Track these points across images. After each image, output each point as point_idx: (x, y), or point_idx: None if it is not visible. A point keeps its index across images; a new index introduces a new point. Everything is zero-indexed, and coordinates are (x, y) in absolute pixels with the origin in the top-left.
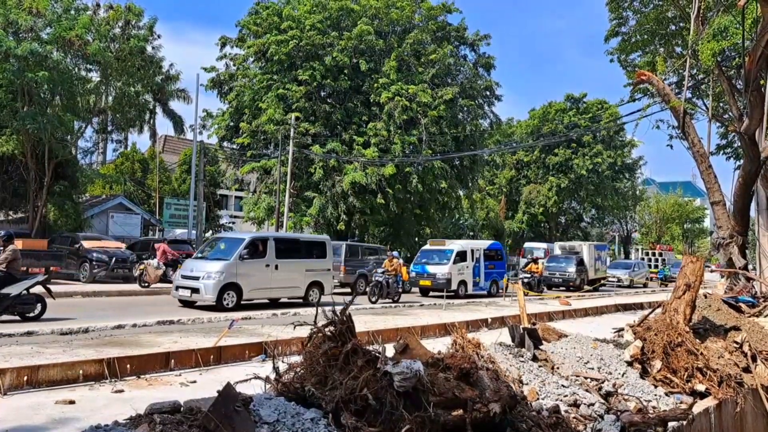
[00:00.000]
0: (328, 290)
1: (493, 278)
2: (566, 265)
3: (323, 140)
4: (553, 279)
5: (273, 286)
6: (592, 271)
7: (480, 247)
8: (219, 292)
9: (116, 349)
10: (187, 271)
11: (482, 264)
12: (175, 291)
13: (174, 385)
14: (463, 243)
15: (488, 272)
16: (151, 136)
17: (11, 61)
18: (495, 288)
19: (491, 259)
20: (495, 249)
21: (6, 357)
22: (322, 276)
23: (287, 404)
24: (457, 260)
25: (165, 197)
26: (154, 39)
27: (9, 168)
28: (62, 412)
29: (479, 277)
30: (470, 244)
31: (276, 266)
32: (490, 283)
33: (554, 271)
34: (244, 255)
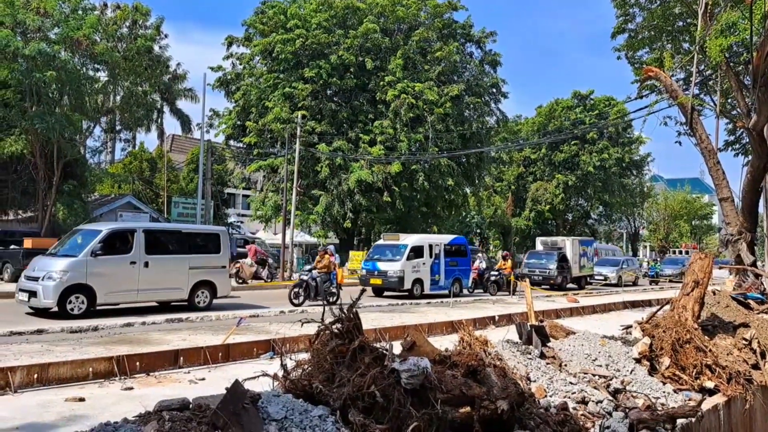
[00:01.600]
0: (223, 291)
1: (456, 276)
2: (547, 261)
3: (329, 138)
4: (532, 277)
5: (142, 288)
6: (576, 268)
7: (440, 242)
8: (61, 296)
9: (125, 346)
10: (30, 271)
11: (443, 261)
12: (17, 294)
13: (183, 382)
14: (419, 237)
15: (449, 269)
16: (159, 136)
17: (19, 61)
18: (458, 287)
19: (453, 255)
20: (458, 244)
21: (16, 355)
22: (215, 274)
23: (295, 401)
24: (412, 256)
25: (173, 196)
26: (161, 39)
27: (18, 167)
28: (72, 409)
29: (439, 275)
30: (427, 238)
31: (146, 263)
32: (452, 282)
33: (534, 269)
34: (98, 251)
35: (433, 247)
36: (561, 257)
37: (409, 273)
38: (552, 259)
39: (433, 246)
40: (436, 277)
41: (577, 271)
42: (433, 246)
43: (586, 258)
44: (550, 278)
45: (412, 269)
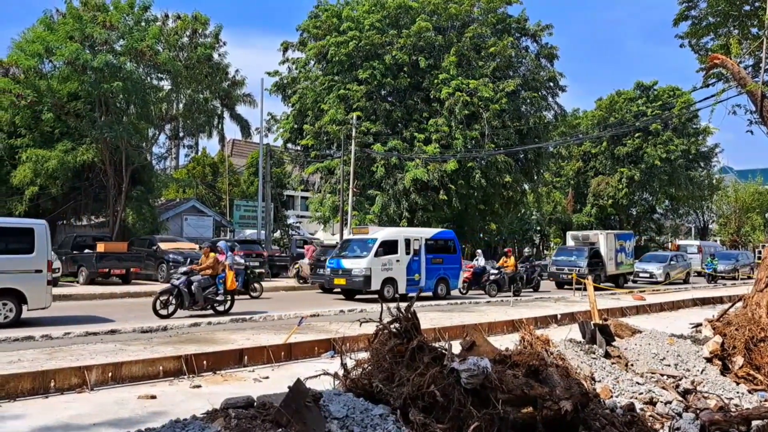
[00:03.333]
0: (37, 302)
1: (441, 275)
2: (577, 258)
3: (384, 138)
4: (560, 275)
5: None
6: (612, 265)
7: (420, 236)
8: None
9: (193, 346)
10: None
11: (423, 258)
12: None
13: (247, 380)
14: (392, 230)
15: (433, 268)
16: (220, 141)
17: (88, 73)
18: (444, 288)
19: (438, 251)
20: (444, 239)
21: (92, 354)
22: (23, 281)
23: (356, 400)
24: (381, 252)
25: (234, 199)
26: (220, 46)
27: (90, 175)
28: (144, 406)
29: (419, 273)
30: (404, 232)
31: None
32: (437, 282)
33: (562, 266)
34: None
35: (411, 242)
36: (593, 253)
37: (377, 272)
38: (582, 256)
39: (411, 241)
40: (416, 276)
41: (612, 268)
42: (411, 241)
43: (623, 254)
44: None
45: (381, 267)
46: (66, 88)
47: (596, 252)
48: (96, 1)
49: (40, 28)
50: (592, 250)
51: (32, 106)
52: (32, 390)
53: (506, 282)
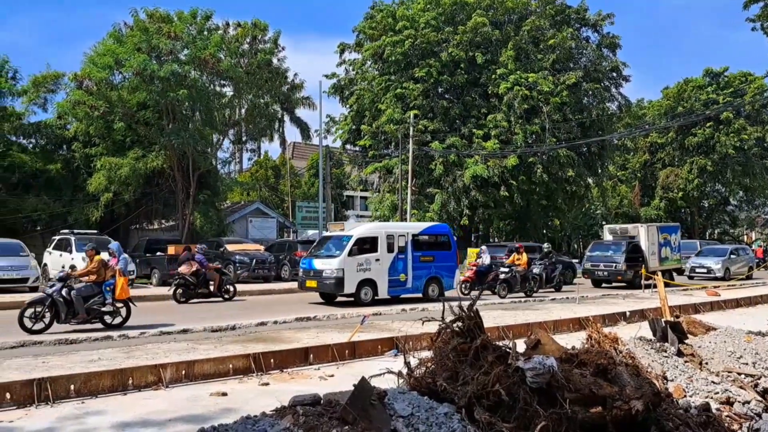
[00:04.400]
0: None
1: (432, 275)
2: (613, 253)
3: (442, 136)
4: (596, 273)
5: None
6: (655, 260)
7: (406, 232)
8: None
9: (260, 344)
10: None
11: (410, 255)
12: None
13: (313, 378)
14: (371, 226)
15: (421, 266)
16: (281, 144)
17: (155, 83)
18: (436, 289)
19: (429, 247)
20: (436, 233)
21: (166, 353)
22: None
23: (420, 398)
24: (356, 251)
25: (296, 201)
26: (279, 51)
27: (159, 181)
28: (216, 403)
29: (405, 273)
30: (386, 227)
31: None
32: (427, 282)
33: (597, 263)
34: None
35: (396, 238)
36: (632, 248)
37: (351, 272)
38: (620, 251)
39: (396, 237)
40: (401, 276)
41: (655, 263)
42: (395, 237)
43: (668, 248)
44: (618, 273)
45: (357, 267)
46: (135, 97)
47: (635, 246)
48: (161, 13)
49: (109, 41)
50: (631, 244)
51: (105, 116)
52: (112, 387)
53: (518, 281)
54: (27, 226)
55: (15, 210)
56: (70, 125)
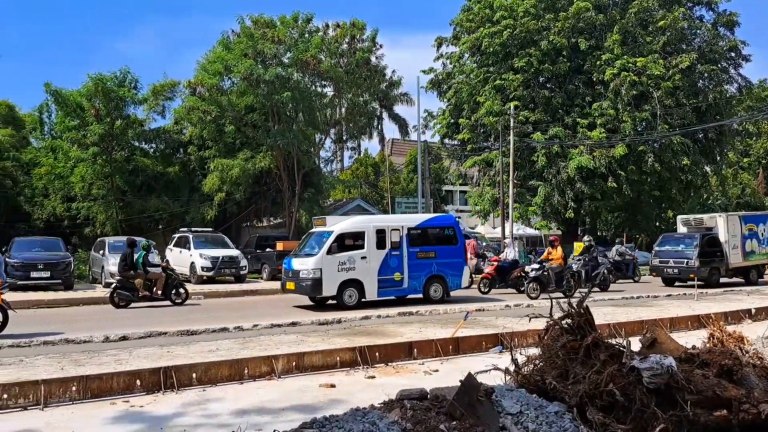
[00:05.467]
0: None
1: (434, 273)
2: (685, 248)
3: (544, 127)
4: (665, 270)
5: None
6: (738, 255)
7: (400, 225)
8: None
9: (365, 338)
10: None
11: (405, 252)
12: None
13: (418, 373)
14: (357, 220)
15: (419, 264)
16: (380, 141)
17: (261, 86)
18: (439, 289)
19: (429, 242)
20: (438, 226)
21: (277, 345)
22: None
23: (529, 396)
24: (337, 248)
25: (396, 197)
26: (377, 49)
27: (267, 180)
28: (325, 394)
29: (400, 272)
30: (374, 220)
31: None
32: (427, 282)
33: (666, 259)
34: None
35: (387, 232)
36: (707, 241)
37: (331, 272)
38: (692, 245)
39: (387, 231)
40: (396, 275)
41: (738, 258)
42: (386, 231)
43: (755, 240)
44: (690, 270)
45: (339, 267)
46: (243, 101)
47: (712, 239)
48: (265, 19)
49: (219, 49)
50: (706, 237)
51: (216, 120)
52: (229, 376)
53: (551, 280)
54: (150, 224)
55: (140, 210)
56: (185, 130)
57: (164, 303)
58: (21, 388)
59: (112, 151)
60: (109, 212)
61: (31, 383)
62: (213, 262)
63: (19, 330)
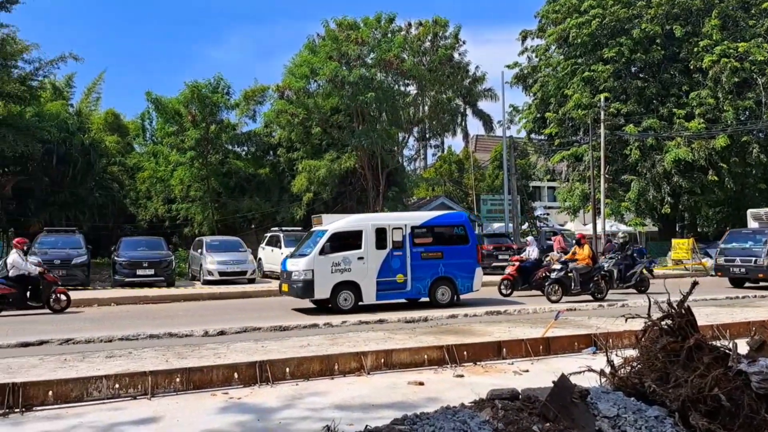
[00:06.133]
0: None
1: (441, 275)
2: (753, 245)
3: (637, 118)
4: (731, 269)
5: None
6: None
7: (402, 223)
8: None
9: (452, 336)
10: None
11: (408, 252)
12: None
13: (507, 373)
14: (354, 218)
15: (425, 265)
16: (464, 138)
17: (346, 88)
18: (447, 292)
19: (435, 242)
20: (445, 224)
21: (365, 341)
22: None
23: (626, 399)
24: (330, 248)
25: (481, 194)
26: (460, 46)
27: (352, 180)
28: (414, 391)
29: (403, 273)
30: (373, 219)
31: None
32: (433, 284)
33: (732, 257)
34: None
35: (389, 231)
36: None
37: (324, 274)
38: (761, 242)
39: (388, 230)
40: (398, 277)
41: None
42: (387, 230)
43: None
44: (759, 270)
45: (332, 268)
46: (328, 103)
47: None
48: (348, 21)
49: (305, 53)
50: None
51: (303, 122)
52: (320, 371)
53: (576, 281)
54: (243, 224)
55: (234, 210)
56: (274, 133)
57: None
58: (131, 379)
59: (208, 154)
60: (205, 213)
61: (140, 374)
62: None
63: (127, 324)
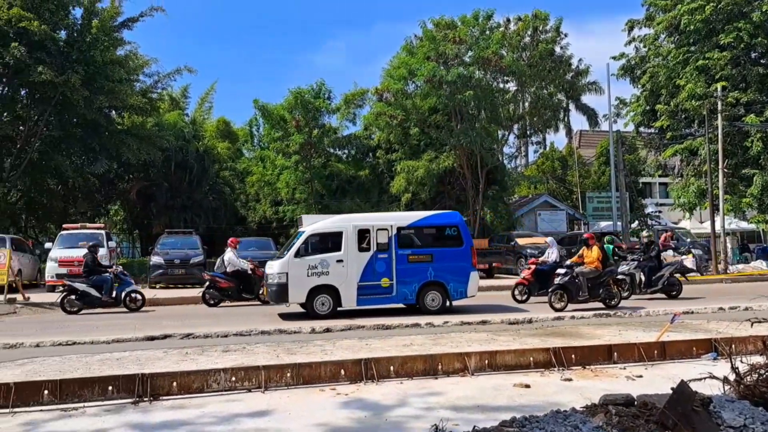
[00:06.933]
0: None
1: (431, 279)
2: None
3: (759, 108)
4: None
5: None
6: None
7: (388, 224)
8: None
9: (559, 339)
10: None
11: (394, 254)
12: None
13: (619, 378)
14: (338, 218)
15: (411, 268)
16: (567, 133)
17: (444, 87)
18: (437, 298)
19: (424, 244)
20: (437, 225)
21: (468, 342)
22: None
23: (754, 409)
24: (305, 250)
25: (586, 191)
26: (561, 39)
27: (451, 180)
28: (520, 394)
29: (389, 277)
30: (355, 219)
31: None
32: (421, 289)
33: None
34: None
35: (373, 232)
36: None
37: (299, 277)
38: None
39: (372, 231)
40: (383, 281)
41: None
42: (371, 231)
43: None
44: None
45: (309, 271)
46: (427, 103)
47: None
48: (446, 20)
49: (402, 54)
50: None
51: (402, 124)
52: (424, 371)
53: (583, 287)
54: None
55: (336, 212)
56: (373, 135)
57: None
58: (246, 373)
59: (311, 158)
60: (310, 214)
61: (254, 368)
62: None
63: (241, 321)
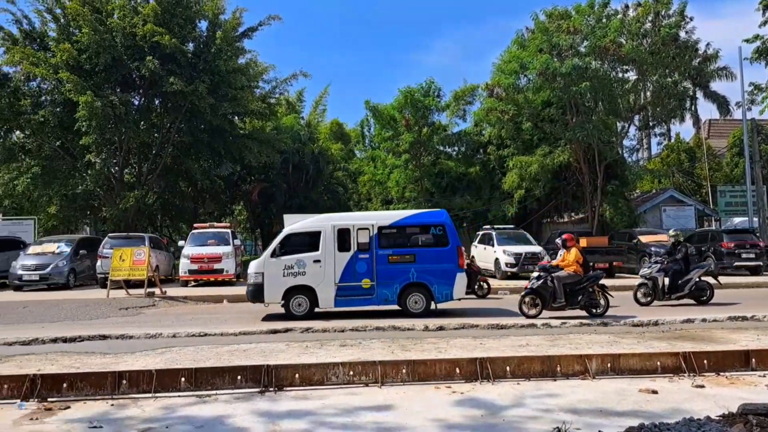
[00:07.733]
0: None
1: (413, 281)
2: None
3: None
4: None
5: None
6: None
7: (369, 223)
8: None
9: (688, 343)
10: None
11: (375, 254)
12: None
13: (759, 386)
14: (318, 218)
15: (392, 269)
16: (694, 123)
17: (558, 80)
18: (420, 300)
19: (406, 244)
20: (421, 224)
21: (588, 344)
22: None
23: None
24: (281, 250)
25: (717, 185)
26: (686, 23)
27: (566, 175)
28: (647, 400)
29: (370, 278)
30: (334, 218)
31: None
32: (403, 290)
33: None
34: None
35: (353, 232)
36: None
37: (275, 277)
38: None
39: (352, 230)
40: (364, 282)
41: None
42: (351, 231)
43: None
44: None
45: (285, 272)
46: (539, 97)
47: None
48: (559, 11)
49: (513, 48)
50: None
51: (513, 119)
52: (541, 372)
53: (559, 293)
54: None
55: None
56: (484, 131)
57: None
58: (363, 367)
59: (421, 156)
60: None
61: (371, 363)
62: (516, 258)
63: (357, 316)
